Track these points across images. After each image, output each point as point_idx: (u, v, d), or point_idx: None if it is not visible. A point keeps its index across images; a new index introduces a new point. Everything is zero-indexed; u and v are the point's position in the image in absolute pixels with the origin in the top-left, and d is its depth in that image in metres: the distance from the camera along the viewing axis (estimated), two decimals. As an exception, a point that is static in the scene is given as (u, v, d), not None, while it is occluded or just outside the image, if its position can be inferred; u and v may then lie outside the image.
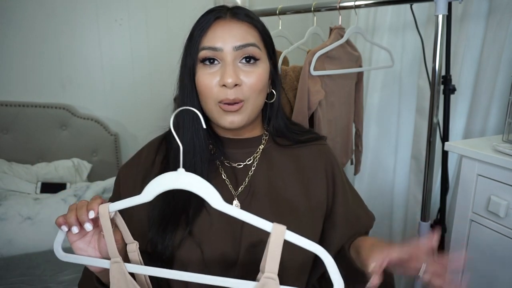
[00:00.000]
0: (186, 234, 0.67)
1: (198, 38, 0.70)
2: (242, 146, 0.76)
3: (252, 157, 0.76)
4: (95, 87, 2.02)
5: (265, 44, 0.73)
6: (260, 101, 0.73)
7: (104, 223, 0.55)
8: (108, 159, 2.05)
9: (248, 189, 0.73)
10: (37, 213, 1.56)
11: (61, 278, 1.37)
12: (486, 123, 1.27)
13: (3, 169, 1.73)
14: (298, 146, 0.80)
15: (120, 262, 0.57)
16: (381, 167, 1.78)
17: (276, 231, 0.54)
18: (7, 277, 1.36)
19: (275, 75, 0.77)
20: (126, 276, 0.57)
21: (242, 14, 0.71)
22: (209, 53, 0.68)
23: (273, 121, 0.79)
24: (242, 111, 0.69)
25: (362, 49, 1.63)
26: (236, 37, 0.68)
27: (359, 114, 1.44)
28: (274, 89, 0.77)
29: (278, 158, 0.78)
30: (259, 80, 0.70)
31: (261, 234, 0.66)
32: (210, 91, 0.68)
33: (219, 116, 0.70)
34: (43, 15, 1.88)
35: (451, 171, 1.38)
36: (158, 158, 0.76)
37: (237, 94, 0.68)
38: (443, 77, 1.21)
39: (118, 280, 0.58)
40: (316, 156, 0.80)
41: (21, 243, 1.52)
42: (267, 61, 0.73)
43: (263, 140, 0.79)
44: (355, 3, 1.18)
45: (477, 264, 0.96)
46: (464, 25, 1.33)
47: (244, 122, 0.71)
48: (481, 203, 0.94)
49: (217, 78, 0.68)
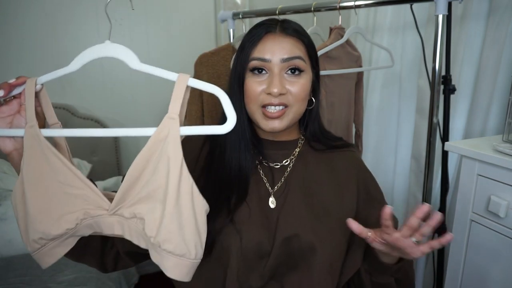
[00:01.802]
0: (228, 222, 0.72)
1: (249, 49, 0.75)
2: (280, 148, 0.82)
3: (289, 159, 0.82)
4: (95, 87, 2.03)
5: (309, 56, 0.78)
6: (302, 109, 0.78)
7: (28, 91, 0.57)
8: (108, 159, 2.05)
9: (283, 188, 0.78)
10: (37, 213, 1.56)
11: (61, 278, 1.37)
12: (486, 123, 1.27)
13: (3, 169, 1.73)
14: (331, 151, 0.85)
15: (35, 125, 0.57)
16: (381, 167, 1.78)
17: (181, 78, 0.57)
18: (7, 277, 1.36)
19: (316, 84, 0.82)
20: (40, 138, 0.57)
21: (290, 29, 0.76)
22: (258, 63, 0.74)
23: (310, 126, 0.84)
24: (284, 117, 0.75)
25: (362, 49, 1.63)
26: (284, 50, 0.74)
27: (359, 114, 1.44)
28: (314, 97, 0.82)
29: (313, 161, 0.82)
30: (303, 90, 0.75)
31: (295, 229, 0.74)
32: (256, 96, 0.74)
33: (261, 120, 0.75)
34: (43, 15, 1.88)
35: (451, 171, 1.38)
36: (202, 153, 0.81)
37: (282, 100, 0.73)
38: (443, 77, 1.21)
39: (32, 146, 0.57)
40: (348, 162, 0.84)
41: (21, 243, 1.52)
42: (310, 72, 0.78)
43: (299, 143, 0.84)
44: (355, 3, 1.18)
45: (477, 264, 0.96)
46: (464, 25, 1.33)
47: (284, 127, 0.76)
48: (481, 203, 0.94)
49: (264, 86, 0.74)
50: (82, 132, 0.60)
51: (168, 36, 2.12)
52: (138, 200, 0.58)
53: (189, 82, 0.57)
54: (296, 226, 0.74)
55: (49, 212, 0.58)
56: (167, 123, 0.56)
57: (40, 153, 0.58)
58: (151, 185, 0.57)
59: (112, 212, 0.59)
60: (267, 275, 0.73)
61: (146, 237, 0.58)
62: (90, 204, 0.59)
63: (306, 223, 0.75)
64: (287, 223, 0.74)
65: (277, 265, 0.73)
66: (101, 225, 0.61)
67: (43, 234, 0.58)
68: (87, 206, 0.59)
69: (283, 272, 0.74)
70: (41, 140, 0.58)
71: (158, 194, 0.56)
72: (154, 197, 0.56)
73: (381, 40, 1.66)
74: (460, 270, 1.01)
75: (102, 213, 0.59)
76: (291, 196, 0.77)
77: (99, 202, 0.60)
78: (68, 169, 0.58)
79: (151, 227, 0.56)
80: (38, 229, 0.58)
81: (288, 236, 0.73)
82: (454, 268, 1.02)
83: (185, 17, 2.13)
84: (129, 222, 0.59)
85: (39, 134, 0.57)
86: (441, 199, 1.32)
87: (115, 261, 0.78)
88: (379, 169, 1.79)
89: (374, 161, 1.79)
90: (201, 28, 2.16)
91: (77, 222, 0.59)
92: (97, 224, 0.61)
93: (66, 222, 0.58)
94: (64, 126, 0.68)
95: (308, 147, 0.84)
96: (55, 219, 0.58)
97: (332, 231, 0.76)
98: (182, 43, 2.11)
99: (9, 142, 0.61)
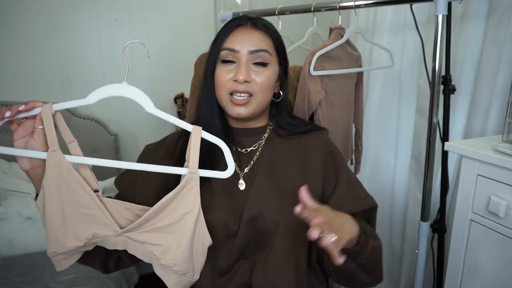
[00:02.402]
0: None
1: (221, 40, 0.82)
2: (249, 135, 0.89)
3: (257, 144, 0.89)
4: (95, 87, 2.02)
5: (277, 51, 0.85)
6: (266, 98, 0.84)
7: (46, 116, 0.64)
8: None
9: (251, 171, 0.85)
10: (37, 213, 1.56)
11: (61, 278, 1.37)
12: (486, 123, 1.27)
13: (3, 169, 1.73)
14: (298, 136, 0.91)
15: (58, 150, 0.64)
16: (381, 167, 1.78)
17: (195, 131, 0.67)
18: (7, 277, 1.36)
19: (284, 79, 0.89)
20: (62, 162, 0.65)
21: (260, 24, 0.84)
22: (228, 53, 0.81)
23: (276, 117, 0.91)
24: (249, 105, 0.82)
25: (362, 49, 1.63)
26: (251, 42, 0.81)
27: (359, 114, 1.44)
28: (282, 91, 0.89)
29: (280, 146, 0.89)
30: (266, 80, 0.82)
31: (260, 208, 0.79)
32: (224, 83, 0.81)
33: (229, 106, 0.82)
34: (43, 15, 1.88)
35: (451, 171, 1.38)
36: (178, 144, 0.88)
37: (247, 88, 0.80)
38: (443, 77, 1.21)
39: (54, 168, 0.64)
40: (315, 144, 0.90)
41: (21, 243, 1.52)
42: (276, 66, 0.85)
43: (268, 130, 0.91)
44: (355, 3, 1.18)
45: (477, 264, 0.96)
46: (464, 25, 1.33)
47: (249, 114, 0.83)
48: (481, 203, 0.94)
49: (231, 75, 0.81)
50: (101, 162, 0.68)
51: (168, 36, 2.12)
52: (151, 229, 0.67)
53: (203, 135, 0.67)
54: (261, 206, 0.80)
55: (62, 229, 0.65)
56: (189, 177, 0.66)
57: (60, 175, 0.65)
58: (167, 220, 0.66)
59: (119, 234, 0.68)
60: (235, 254, 0.80)
61: (154, 258, 0.67)
62: (99, 224, 0.67)
63: (271, 203, 0.81)
64: (253, 204, 0.81)
65: (244, 244, 0.79)
66: (106, 243, 0.70)
67: (55, 249, 0.67)
68: (96, 226, 0.67)
69: (251, 250, 0.79)
70: (64, 165, 0.65)
71: (175, 228, 0.66)
72: (169, 229, 0.67)
73: (381, 40, 1.66)
74: (460, 270, 1.01)
75: (109, 233, 0.67)
76: (259, 179, 0.83)
77: (108, 223, 0.67)
78: (84, 191, 0.66)
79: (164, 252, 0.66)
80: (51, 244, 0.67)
81: (254, 215, 0.80)
82: (454, 268, 1.02)
83: (185, 17, 2.13)
84: (135, 243, 0.68)
85: (62, 158, 0.65)
86: (441, 199, 1.32)
87: (116, 262, 0.83)
88: (379, 169, 1.79)
89: (374, 161, 1.79)
90: (201, 28, 2.16)
91: (86, 241, 0.67)
92: (102, 241, 0.69)
93: (76, 240, 0.66)
94: None
95: (275, 134, 0.91)
96: (66, 237, 0.66)
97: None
98: (182, 43, 2.11)
99: (26, 161, 0.68)
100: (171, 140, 0.91)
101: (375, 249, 0.77)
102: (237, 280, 0.80)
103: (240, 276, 0.81)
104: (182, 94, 2.07)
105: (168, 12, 2.10)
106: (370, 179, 1.81)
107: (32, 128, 0.68)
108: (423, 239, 1.18)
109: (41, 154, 0.65)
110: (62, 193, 0.65)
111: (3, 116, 0.64)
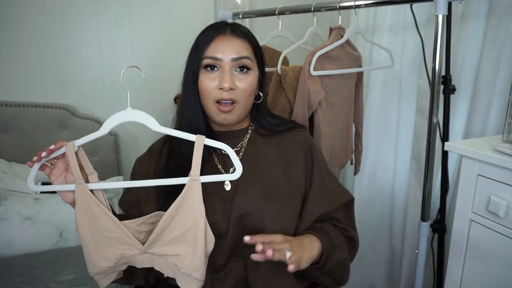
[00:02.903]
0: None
1: (203, 48, 0.85)
2: (232, 137, 0.92)
3: (240, 144, 0.92)
4: (95, 87, 2.02)
5: (256, 56, 0.89)
6: (249, 103, 0.89)
7: (70, 154, 0.71)
8: (108, 159, 2.05)
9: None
10: (37, 213, 1.56)
11: (61, 278, 1.37)
12: (486, 123, 1.27)
13: (3, 169, 1.73)
14: (280, 135, 0.94)
15: (82, 183, 0.73)
16: (381, 167, 1.78)
17: (198, 139, 0.70)
18: (7, 277, 1.35)
19: (262, 80, 0.93)
20: (87, 192, 0.73)
21: (239, 31, 0.87)
22: (211, 61, 0.84)
23: (258, 118, 0.95)
24: (234, 112, 0.85)
25: (362, 49, 1.63)
26: (233, 50, 0.84)
27: (359, 114, 1.44)
28: (261, 92, 0.93)
29: (262, 146, 0.92)
30: (250, 86, 0.86)
31: (248, 207, 0.83)
32: (210, 92, 0.84)
33: (216, 113, 0.86)
34: (43, 15, 1.88)
35: (451, 171, 1.38)
36: (164, 149, 0.92)
37: (232, 95, 0.83)
38: (443, 77, 1.21)
39: (81, 198, 0.72)
40: (296, 142, 0.94)
41: (21, 243, 1.52)
42: (256, 69, 0.89)
43: (249, 130, 0.94)
44: (355, 3, 1.18)
45: (477, 264, 0.96)
46: (464, 25, 1.33)
47: (235, 120, 0.87)
48: (481, 203, 0.94)
49: (216, 83, 0.83)
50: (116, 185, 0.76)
51: (168, 36, 2.11)
52: (168, 241, 0.72)
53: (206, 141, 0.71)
54: (248, 205, 0.84)
55: (94, 252, 0.73)
56: (191, 184, 0.70)
57: (87, 204, 0.73)
58: (179, 230, 0.71)
59: (143, 251, 0.74)
60: (227, 252, 0.83)
61: (176, 268, 0.73)
62: (124, 245, 0.74)
63: (258, 201, 0.84)
64: (240, 203, 0.84)
65: (235, 242, 0.83)
66: (134, 261, 0.76)
67: (92, 269, 0.75)
68: (122, 247, 0.74)
69: (242, 248, 0.82)
70: (88, 194, 0.73)
71: (187, 236, 0.71)
72: (183, 238, 0.71)
73: (381, 40, 1.66)
74: (460, 270, 1.01)
75: (135, 252, 0.75)
76: (243, 179, 0.83)
77: (131, 242, 0.74)
78: (107, 216, 0.73)
79: (184, 261, 0.71)
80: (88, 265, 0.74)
81: (241, 214, 0.83)
82: (454, 268, 1.02)
83: (185, 17, 2.13)
84: (159, 258, 0.74)
85: (86, 189, 0.73)
86: (441, 199, 1.32)
87: (154, 275, 0.89)
88: (379, 169, 1.79)
89: (374, 161, 1.79)
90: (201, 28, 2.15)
91: (116, 261, 0.74)
92: (130, 261, 0.76)
93: (107, 261, 0.73)
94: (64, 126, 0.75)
95: (257, 134, 0.94)
96: (98, 259, 0.73)
97: (282, 206, 0.85)
98: (182, 43, 2.10)
99: (70, 194, 0.75)
100: (157, 147, 0.95)
101: (340, 261, 0.85)
102: (233, 276, 0.84)
103: (235, 272, 0.84)
104: (182, 94, 2.07)
105: (168, 12, 2.10)
106: (370, 179, 1.81)
107: (65, 166, 0.75)
108: (423, 239, 1.18)
109: (70, 187, 0.74)
110: (89, 219, 0.73)
111: (40, 157, 0.71)
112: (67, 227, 1.59)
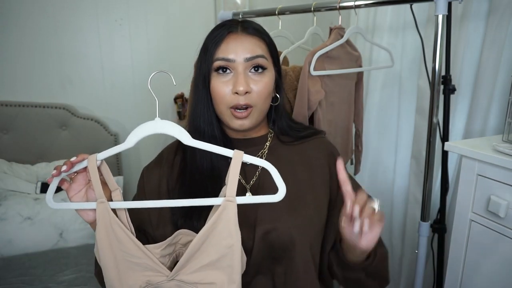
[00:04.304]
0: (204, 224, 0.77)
1: (213, 49, 0.77)
2: (251, 145, 0.85)
3: (260, 153, 0.85)
4: (95, 87, 2.02)
5: (271, 54, 0.81)
6: (266, 106, 0.81)
7: (92, 169, 0.64)
8: (108, 159, 2.02)
9: (257, 183, 0.81)
10: (37, 213, 1.56)
11: (61, 278, 1.37)
12: (486, 123, 1.27)
13: (3, 169, 1.73)
14: (300, 141, 0.88)
15: (105, 202, 0.65)
16: (381, 167, 1.78)
17: (236, 155, 0.62)
18: (7, 277, 1.36)
19: (279, 81, 0.85)
20: (110, 213, 0.65)
21: (251, 28, 0.79)
22: (223, 63, 0.76)
23: (277, 122, 0.87)
24: (250, 117, 0.78)
25: (362, 49, 1.63)
26: (247, 49, 0.76)
27: (359, 114, 1.44)
28: (278, 93, 0.86)
29: (284, 153, 0.85)
30: (266, 88, 0.78)
31: (274, 222, 0.76)
32: (224, 97, 0.77)
33: (230, 119, 0.78)
34: (43, 15, 1.88)
35: (451, 171, 1.38)
36: (176, 159, 0.84)
37: (247, 100, 0.76)
38: (443, 77, 1.21)
39: (103, 219, 0.65)
40: (318, 148, 0.87)
41: (21, 243, 1.52)
42: (272, 69, 0.81)
43: (269, 138, 0.87)
44: (355, 3, 1.18)
45: (477, 264, 0.96)
46: (464, 25, 1.33)
47: (252, 125, 0.80)
48: (481, 203, 0.94)
49: (230, 87, 0.76)
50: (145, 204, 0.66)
51: (168, 36, 2.12)
52: (199, 268, 0.64)
53: (245, 158, 0.62)
54: (274, 219, 0.76)
55: (117, 280, 0.66)
56: (226, 205, 0.62)
57: (109, 225, 0.65)
58: (212, 255, 0.63)
59: (171, 278, 0.66)
60: (252, 271, 0.75)
61: None
62: (150, 271, 0.67)
63: (284, 215, 0.77)
64: (265, 217, 0.77)
65: (260, 259, 0.76)
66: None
67: None
68: (148, 273, 0.67)
69: (268, 265, 0.76)
70: (110, 216, 0.65)
71: (221, 262, 0.63)
72: (216, 265, 0.64)
73: (381, 40, 1.66)
74: (460, 270, 1.01)
75: (162, 279, 0.67)
76: (266, 190, 0.78)
77: (158, 269, 0.66)
78: (130, 240, 0.65)
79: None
80: None
81: (267, 230, 0.76)
82: (454, 268, 1.02)
83: (185, 17, 2.13)
84: (189, 286, 0.66)
85: (108, 209, 0.65)
86: (441, 199, 1.32)
87: None
88: (379, 169, 1.79)
89: (374, 161, 1.79)
90: (201, 28, 2.16)
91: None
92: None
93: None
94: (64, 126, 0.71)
95: (278, 141, 0.87)
96: (121, 286, 0.66)
97: (309, 219, 0.79)
98: (182, 43, 2.11)
99: (91, 213, 0.68)
100: (168, 155, 0.87)
101: (382, 256, 0.78)
102: None
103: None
104: (182, 94, 2.07)
105: (168, 12, 2.10)
106: (370, 179, 1.81)
107: (86, 181, 0.68)
108: (423, 239, 1.18)
109: (91, 205, 0.66)
110: (111, 242, 0.66)
111: (59, 171, 0.64)
112: (67, 227, 1.59)
